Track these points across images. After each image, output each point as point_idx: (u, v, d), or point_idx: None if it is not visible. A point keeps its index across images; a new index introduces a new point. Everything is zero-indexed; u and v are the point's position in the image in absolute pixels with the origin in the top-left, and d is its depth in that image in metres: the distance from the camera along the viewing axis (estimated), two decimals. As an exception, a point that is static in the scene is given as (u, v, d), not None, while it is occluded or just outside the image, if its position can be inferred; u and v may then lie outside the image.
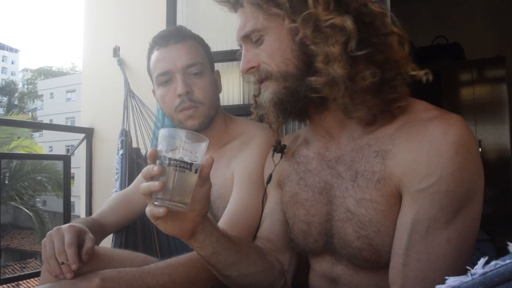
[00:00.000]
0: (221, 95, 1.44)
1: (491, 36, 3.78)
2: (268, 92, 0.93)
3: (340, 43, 0.83)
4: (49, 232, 1.05)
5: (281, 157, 1.10)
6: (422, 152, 0.79)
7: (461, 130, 0.77)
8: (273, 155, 1.11)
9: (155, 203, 0.75)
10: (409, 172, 0.80)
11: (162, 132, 0.78)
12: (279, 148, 1.10)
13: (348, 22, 0.82)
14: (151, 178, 0.76)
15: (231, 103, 2.33)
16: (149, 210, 0.78)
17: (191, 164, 0.76)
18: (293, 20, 0.87)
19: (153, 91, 1.44)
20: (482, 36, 3.77)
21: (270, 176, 1.12)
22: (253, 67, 0.95)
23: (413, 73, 0.85)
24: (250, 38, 0.94)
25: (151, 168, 0.75)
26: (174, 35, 1.34)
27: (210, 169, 0.79)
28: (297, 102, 0.91)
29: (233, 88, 2.36)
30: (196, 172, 0.77)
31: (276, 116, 0.95)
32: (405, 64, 0.86)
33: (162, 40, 1.33)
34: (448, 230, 0.76)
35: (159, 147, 0.77)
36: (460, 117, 0.80)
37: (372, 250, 0.86)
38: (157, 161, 0.76)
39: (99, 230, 1.29)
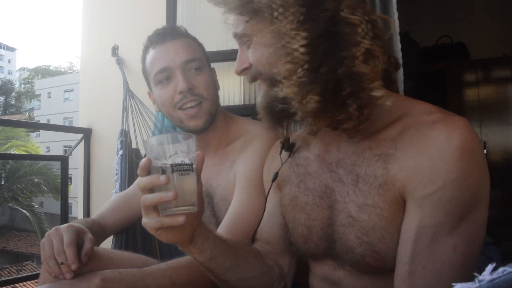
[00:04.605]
0: (221, 95, 1.43)
1: (496, 36, 3.76)
2: (259, 96, 0.93)
3: (289, 64, 0.80)
4: (47, 232, 1.05)
5: (289, 156, 1.07)
6: (425, 158, 0.77)
7: (465, 134, 0.75)
8: (280, 153, 1.09)
9: (165, 213, 0.75)
10: (413, 178, 0.78)
11: (151, 141, 0.78)
12: (288, 146, 1.07)
13: (297, 45, 0.78)
14: (151, 190, 0.75)
15: (231, 104, 2.35)
16: (155, 221, 0.76)
17: (191, 165, 0.76)
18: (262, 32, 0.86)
19: (149, 94, 1.42)
20: (487, 36, 3.76)
21: (276, 174, 1.09)
22: (245, 69, 0.94)
23: (374, 93, 0.78)
24: (240, 39, 0.93)
25: (155, 178, 0.73)
26: (170, 32, 1.33)
27: (202, 163, 0.80)
28: (288, 108, 0.86)
29: (233, 88, 2.37)
30: (195, 171, 0.78)
31: (268, 119, 0.93)
32: (370, 80, 0.78)
33: (158, 38, 1.32)
34: (453, 237, 0.75)
35: (152, 157, 0.76)
36: (464, 119, 0.78)
37: (376, 257, 0.84)
38: (152, 170, 0.76)
39: (99, 231, 1.29)
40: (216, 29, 2.36)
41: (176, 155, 0.74)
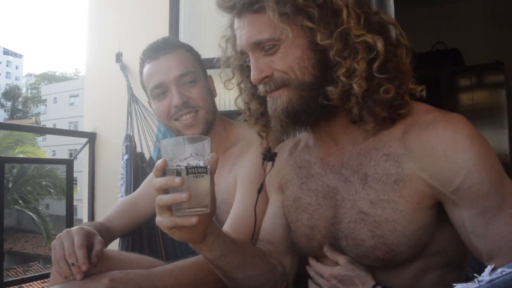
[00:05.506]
0: (217, 100, 1.43)
1: (490, 42, 3.79)
2: (280, 100, 0.91)
3: (366, 61, 0.85)
4: (59, 234, 1.07)
5: (272, 165, 1.11)
6: (439, 154, 0.81)
7: (467, 125, 0.81)
8: (263, 164, 1.12)
9: (179, 213, 0.75)
10: (436, 177, 0.82)
11: (166, 143, 0.77)
12: (269, 156, 1.11)
13: (379, 44, 0.84)
14: (166, 190, 0.76)
15: (227, 109, 2.32)
16: (168, 221, 0.77)
17: (206, 167, 0.76)
18: (325, 34, 0.86)
19: (149, 103, 1.44)
20: (481, 42, 3.79)
21: (261, 186, 1.13)
22: (266, 77, 0.91)
23: (412, 86, 0.88)
24: (262, 46, 0.90)
25: (170, 180, 0.73)
26: (163, 46, 1.34)
27: (216, 165, 0.80)
28: (312, 112, 0.90)
29: (229, 94, 2.37)
30: (209, 173, 0.78)
31: (285, 126, 0.93)
32: (408, 76, 0.89)
33: (152, 53, 1.34)
34: (505, 210, 0.78)
35: (168, 158, 0.76)
36: (460, 115, 0.84)
37: (386, 249, 0.87)
38: (167, 172, 0.76)
39: (106, 234, 1.30)
40: (217, 36, 2.38)
41: (191, 157, 0.74)
